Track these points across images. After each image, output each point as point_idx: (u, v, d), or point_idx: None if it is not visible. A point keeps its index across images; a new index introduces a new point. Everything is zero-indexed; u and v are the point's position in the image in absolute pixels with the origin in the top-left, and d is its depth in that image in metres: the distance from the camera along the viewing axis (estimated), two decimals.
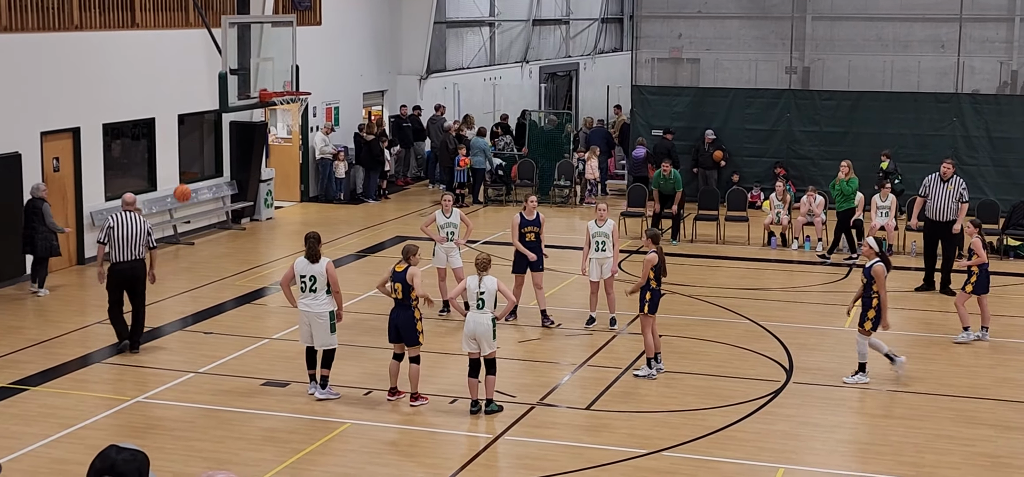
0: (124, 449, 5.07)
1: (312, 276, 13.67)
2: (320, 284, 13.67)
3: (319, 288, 13.67)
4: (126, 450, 5.06)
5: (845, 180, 22.29)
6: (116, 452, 5.04)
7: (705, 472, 11.94)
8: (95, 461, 5.03)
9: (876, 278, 14.46)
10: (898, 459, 12.37)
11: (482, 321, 13.32)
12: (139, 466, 5.04)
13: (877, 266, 14.54)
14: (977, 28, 27.68)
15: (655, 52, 29.92)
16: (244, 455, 12.17)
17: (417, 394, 13.72)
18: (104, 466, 4.99)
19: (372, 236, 24.14)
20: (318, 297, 13.69)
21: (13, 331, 16.86)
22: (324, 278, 13.67)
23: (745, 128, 28.23)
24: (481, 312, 13.37)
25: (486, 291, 13.39)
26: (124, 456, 5.03)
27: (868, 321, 14.56)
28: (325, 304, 13.70)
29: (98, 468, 5.00)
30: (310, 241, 13.76)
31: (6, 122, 19.29)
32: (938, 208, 19.62)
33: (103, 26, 21.29)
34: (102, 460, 5.01)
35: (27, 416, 13.35)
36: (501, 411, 13.50)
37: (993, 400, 14.28)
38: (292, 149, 27.89)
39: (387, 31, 30.88)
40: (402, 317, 13.60)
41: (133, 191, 22.25)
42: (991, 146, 26.73)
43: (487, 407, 13.47)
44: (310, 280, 13.67)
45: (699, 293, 19.35)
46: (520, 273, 17.43)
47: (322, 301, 13.69)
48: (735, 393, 14.31)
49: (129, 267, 15.55)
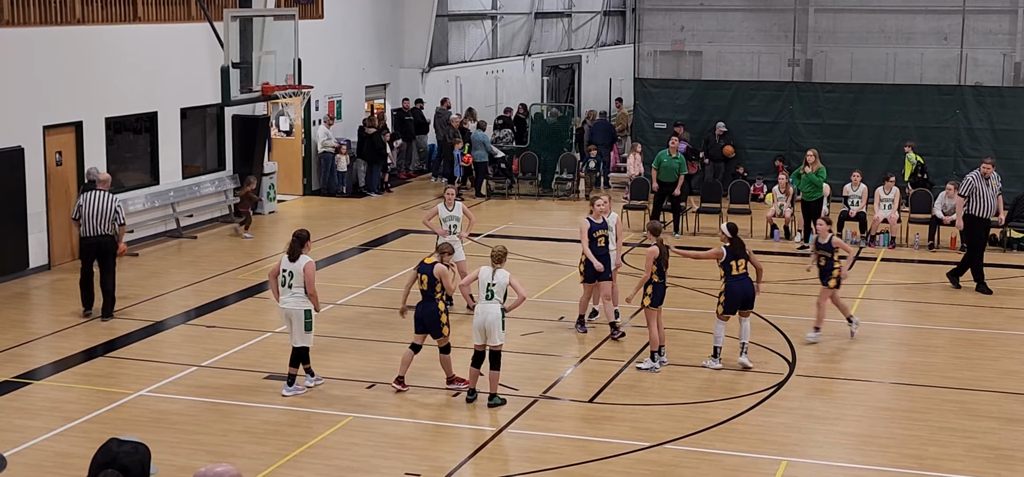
0: (125, 442, 5.07)
1: (290, 273, 13.70)
2: (296, 281, 13.67)
3: (296, 285, 13.68)
4: (127, 443, 5.07)
5: (813, 172, 22.05)
6: (117, 445, 5.05)
7: (708, 465, 11.94)
8: (97, 455, 5.03)
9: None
10: (901, 452, 12.37)
11: (491, 311, 13.34)
12: (141, 458, 5.05)
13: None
14: (980, 20, 27.64)
15: (658, 45, 29.90)
16: (247, 448, 12.18)
17: (453, 377, 13.89)
18: (106, 459, 5.00)
19: (374, 229, 24.14)
20: (294, 293, 13.69)
21: (17, 325, 16.88)
22: (300, 276, 13.67)
23: (748, 121, 28.21)
24: (490, 303, 13.39)
25: (497, 283, 13.42)
26: (126, 449, 5.04)
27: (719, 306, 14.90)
28: (301, 302, 13.71)
29: (100, 462, 5.01)
30: (293, 240, 13.81)
31: (8, 116, 19.29)
32: (987, 205, 19.47)
33: (105, 20, 21.28)
34: (104, 454, 5.02)
35: (31, 409, 13.36)
36: (504, 404, 13.51)
37: (996, 393, 14.27)
38: (294, 143, 27.88)
39: (389, 24, 30.87)
40: (427, 310, 13.65)
41: (136, 185, 22.45)
42: (994, 138, 26.69)
43: (490, 401, 13.48)
44: (289, 276, 13.71)
45: (702, 286, 19.33)
46: (590, 283, 16.34)
47: (298, 298, 13.69)
48: (738, 386, 14.30)
49: (95, 242, 16.87)
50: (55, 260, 20.30)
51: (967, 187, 19.57)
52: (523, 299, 13.53)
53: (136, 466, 5.02)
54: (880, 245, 22.62)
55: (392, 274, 19.93)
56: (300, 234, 13.87)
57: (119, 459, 4.99)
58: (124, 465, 4.99)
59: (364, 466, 11.86)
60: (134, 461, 5.02)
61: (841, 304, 16.22)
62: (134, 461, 5.02)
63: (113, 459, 5.00)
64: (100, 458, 5.01)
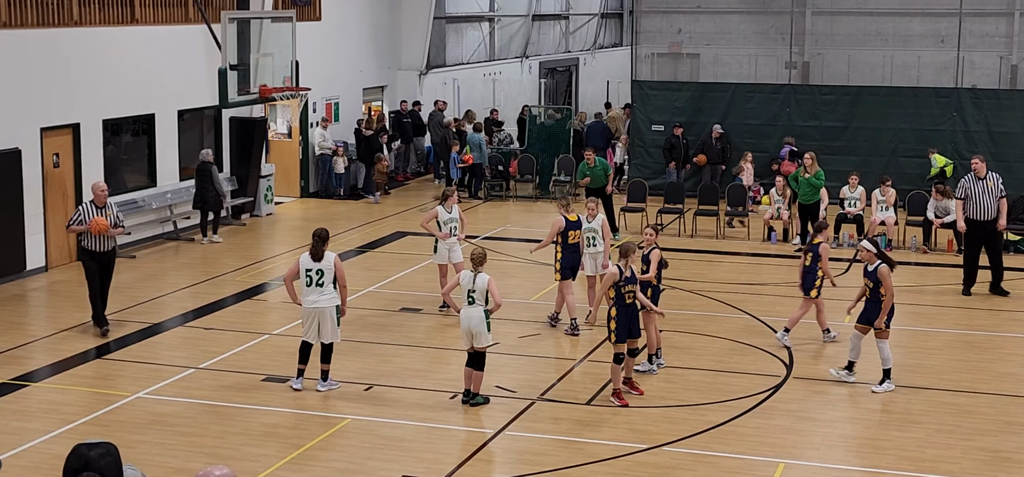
0: (95, 445, 5.03)
1: (319, 271, 13.70)
2: (327, 278, 13.69)
3: (326, 282, 13.69)
4: (96, 446, 5.02)
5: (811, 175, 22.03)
6: (87, 448, 5.01)
7: (705, 467, 11.94)
8: (69, 459, 4.99)
9: (883, 280, 14.06)
10: (899, 454, 12.38)
11: (473, 315, 13.42)
12: (114, 459, 5.01)
13: (882, 268, 14.11)
14: (977, 23, 27.68)
15: (655, 47, 29.92)
16: (245, 450, 12.17)
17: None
18: (80, 464, 4.96)
19: (372, 232, 24.14)
20: (325, 291, 13.70)
21: (14, 327, 16.87)
22: (332, 272, 13.70)
23: (745, 123, 28.21)
24: (472, 307, 13.46)
25: (477, 288, 13.45)
26: (98, 452, 5.00)
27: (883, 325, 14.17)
28: (334, 298, 13.73)
29: (75, 467, 4.97)
30: (316, 240, 13.79)
31: (6, 118, 19.28)
32: (981, 207, 19.09)
33: (103, 22, 21.28)
34: (76, 458, 4.98)
35: (28, 412, 13.36)
36: (487, 403, 13.54)
37: (994, 395, 14.28)
38: (292, 145, 27.88)
39: (387, 26, 30.87)
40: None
41: (133, 187, 22.43)
42: (991, 141, 26.70)
43: (472, 400, 13.52)
44: (317, 274, 13.70)
45: (699, 288, 19.35)
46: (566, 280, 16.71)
47: (330, 294, 13.71)
48: (735, 388, 14.31)
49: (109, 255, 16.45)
50: (52, 262, 20.29)
51: (961, 191, 19.48)
52: (498, 306, 13.54)
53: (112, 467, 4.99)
54: None
55: (390, 276, 19.94)
56: (321, 233, 13.91)
57: (92, 463, 4.95)
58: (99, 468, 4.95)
59: (361, 468, 11.86)
60: (109, 462, 4.99)
61: (822, 317, 16.20)
62: (109, 462, 4.99)
63: (86, 463, 4.95)
64: (74, 463, 4.97)
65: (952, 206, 22.19)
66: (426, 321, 17.28)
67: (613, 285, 13.44)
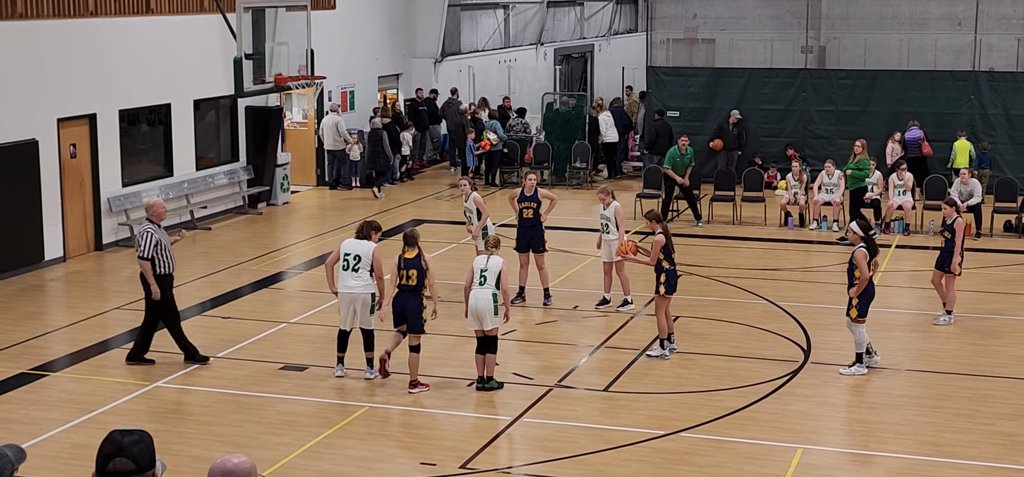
0: (129, 432, 5.07)
1: (357, 255, 13.69)
2: (363, 263, 13.66)
3: (362, 267, 13.67)
4: (131, 433, 5.07)
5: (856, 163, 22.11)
6: (121, 435, 5.05)
7: (723, 453, 11.94)
8: (103, 446, 5.04)
9: (858, 264, 14.03)
10: (917, 439, 12.35)
11: (483, 296, 13.42)
12: (148, 447, 5.06)
13: (858, 252, 14.09)
14: (994, 5, 27.51)
15: (670, 33, 29.82)
16: (263, 439, 12.21)
17: (416, 381, 13.63)
18: (113, 450, 5.00)
19: (388, 220, 24.14)
20: (361, 276, 13.69)
21: (33, 317, 16.95)
22: (369, 258, 13.68)
23: (761, 108, 28.14)
24: (483, 288, 13.45)
25: (490, 269, 13.46)
26: (132, 438, 5.04)
27: (854, 309, 14.18)
28: (369, 285, 13.74)
29: (107, 453, 5.01)
30: (363, 224, 13.96)
31: (23, 109, 19.35)
32: None
33: (118, 12, 21.32)
34: (110, 444, 5.02)
35: (48, 402, 13.42)
36: (501, 388, 13.56)
37: (1011, 379, 14.23)
38: (308, 134, 27.89)
39: (401, 14, 30.86)
40: (410, 303, 13.53)
41: (149, 177, 22.49)
42: (1009, 124, 26.59)
43: (487, 384, 13.52)
44: (355, 259, 13.69)
45: (716, 274, 19.32)
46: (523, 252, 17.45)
47: (365, 281, 13.71)
48: (753, 374, 14.29)
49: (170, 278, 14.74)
50: (70, 252, 20.36)
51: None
52: (506, 292, 13.54)
53: (144, 455, 5.03)
54: (895, 232, 22.57)
55: None
56: (372, 222, 14.08)
57: (126, 449, 5.00)
58: (132, 455, 4.99)
59: (379, 456, 11.88)
60: (142, 450, 5.03)
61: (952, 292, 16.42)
62: (142, 450, 5.03)
63: (120, 449, 5.00)
64: (107, 449, 5.01)
65: (977, 188, 22.16)
66: (441, 308, 17.26)
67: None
